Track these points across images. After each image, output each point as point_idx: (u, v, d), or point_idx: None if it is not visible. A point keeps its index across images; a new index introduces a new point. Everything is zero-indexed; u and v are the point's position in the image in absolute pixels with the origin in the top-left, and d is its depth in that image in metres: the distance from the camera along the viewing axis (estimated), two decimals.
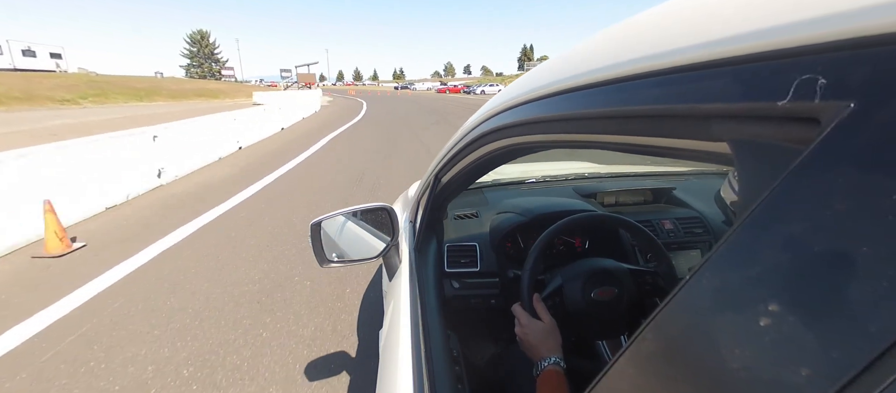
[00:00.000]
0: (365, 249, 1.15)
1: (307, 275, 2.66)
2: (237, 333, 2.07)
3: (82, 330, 2.10)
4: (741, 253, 0.20)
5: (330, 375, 1.79)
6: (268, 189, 4.85)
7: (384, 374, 0.81)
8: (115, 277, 2.66)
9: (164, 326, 2.13)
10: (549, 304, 0.84)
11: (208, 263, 2.86)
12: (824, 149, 0.17)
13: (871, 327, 0.14)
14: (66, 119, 14.45)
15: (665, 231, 1.28)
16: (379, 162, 6.38)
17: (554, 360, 0.71)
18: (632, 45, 0.33)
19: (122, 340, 2.02)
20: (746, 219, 0.20)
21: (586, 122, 0.39)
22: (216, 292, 2.46)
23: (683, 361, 0.22)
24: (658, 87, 0.28)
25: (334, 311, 2.26)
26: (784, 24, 0.20)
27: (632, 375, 0.26)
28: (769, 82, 0.20)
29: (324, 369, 1.83)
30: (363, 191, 4.67)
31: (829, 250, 0.16)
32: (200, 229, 3.52)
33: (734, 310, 0.19)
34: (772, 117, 0.20)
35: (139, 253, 3.01)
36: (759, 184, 0.20)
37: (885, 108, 0.15)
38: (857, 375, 0.14)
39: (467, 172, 0.83)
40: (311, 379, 1.77)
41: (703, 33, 0.25)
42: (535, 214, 1.18)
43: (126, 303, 2.36)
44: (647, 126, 0.30)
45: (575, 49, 0.45)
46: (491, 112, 0.64)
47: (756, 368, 0.18)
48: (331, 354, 1.93)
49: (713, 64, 0.24)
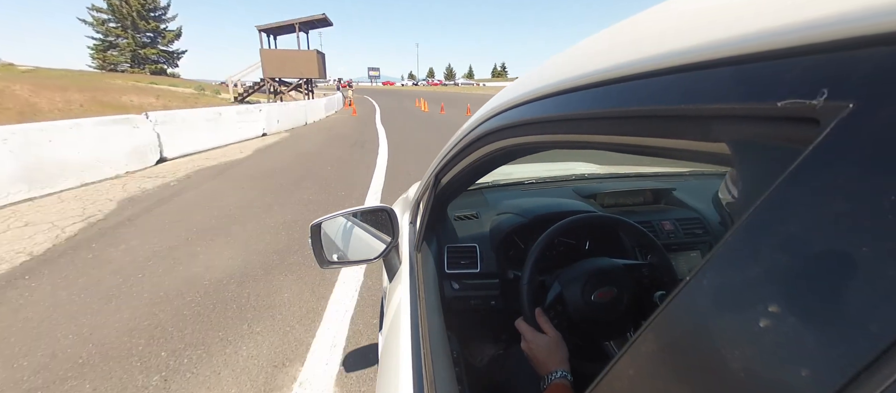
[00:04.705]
0: (365, 250, 1.15)
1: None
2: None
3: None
4: (741, 253, 0.20)
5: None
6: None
7: (384, 375, 0.81)
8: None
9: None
10: (551, 314, 0.84)
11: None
12: (824, 149, 0.17)
13: (871, 327, 0.14)
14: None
15: (665, 232, 1.28)
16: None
17: (561, 373, 0.71)
18: (632, 45, 0.33)
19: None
20: (746, 219, 0.20)
21: (586, 123, 0.38)
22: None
23: (684, 361, 0.22)
24: (658, 87, 0.28)
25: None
26: (784, 24, 0.20)
27: (632, 375, 0.26)
28: (769, 82, 0.20)
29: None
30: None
31: (830, 250, 0.16)
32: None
33: (734, 310, 0.19)
34: (771, 117, 0.20)
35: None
36: (759, 184, 0.20)
37: (885, 108, 0.15)
38: (857, 375, 0.14)
39: (467, 173, 0.83)
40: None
41: (703, 33, 0.25)
42: (535, 214, 1.18)
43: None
44: (646, 127, 0.30)
45: (575, 49, 0.45)
46: (491, 112, 0.64)
47: (756, 368, 0.18)
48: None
49: (713, 64, 0.24)
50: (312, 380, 1.77)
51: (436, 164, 0.97)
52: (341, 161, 6.55)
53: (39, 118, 8.77)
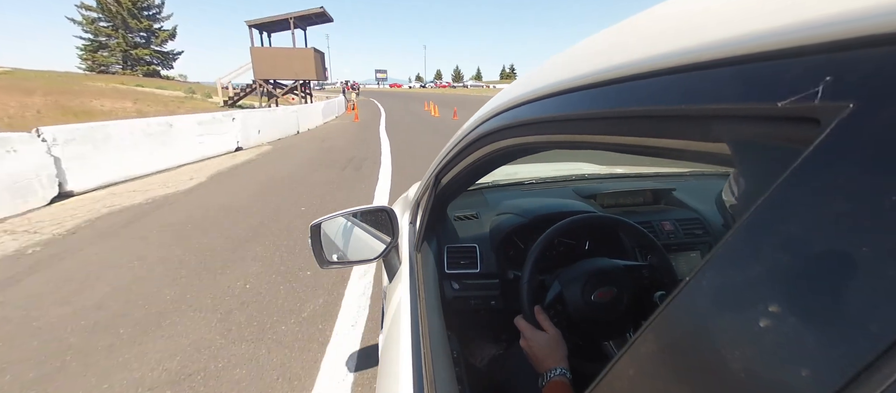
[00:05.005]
0: (365, 250, 1.15)
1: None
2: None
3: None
4: (741, 253, 0.20)
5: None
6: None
7: (384, 375, 0.81)
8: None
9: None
10: (551, 313, 0.84)
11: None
12: (824, 149, 0.17)
13: (871, 327, 0.14)
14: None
15: (665, 232, 1.28)
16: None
17: (560, 370, 0.71)
18: (632, 45, 0.32)
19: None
20: (746, 219, 0.20)
21: (586, 123, 0.38)
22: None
23: (684, 361, 0.22)
24: (658, 87, 0.28)
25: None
26: (784, 24, 0.20)
27: (632, 375, 0.26)
28: (769, 82, 0.20)
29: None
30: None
31: (830, 251, 0.16)
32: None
33: (734, 310, 0.19)
34: (772, 117, 0.20)
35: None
36: (759, 184, 0.20)
37: (885, 108, 0.15)
38: (857, 375, 0.14)
39: (467, 173, 0.83)
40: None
41: (703, 33, 0.25)
42: (535, 214, 1.18)
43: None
44: (646, 127, 0.30)
45: (575, 49, 0.45)
46: (491, 113, 0.64)
47: (756, 368, 0.18)
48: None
49: (713, 64, 0.24)
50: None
51: (436, 164, 0.97)
52: (324, 195, 4.59)
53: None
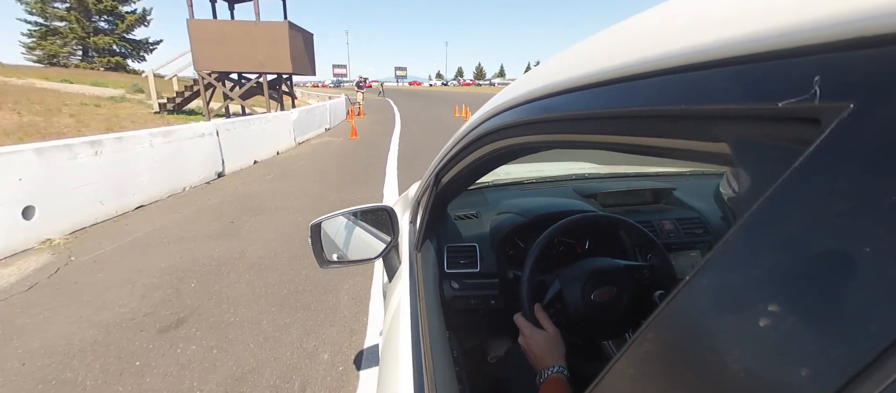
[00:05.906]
0: (365, 249, 1.15)
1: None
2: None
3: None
4: (741, 253, 0.20)
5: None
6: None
7: (385, 374, 0.81)
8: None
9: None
10: (550, 311, 0.84)
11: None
12: (824, 149, 0.17)
13: (871, 327, 0.14)
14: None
15: (665, 231, 1.28)
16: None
17: (557, 368, 0.71)
18: (632, 45, 0.32)
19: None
20: (747, 219, 0.20)
21: (586, 123, 0.38)
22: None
23: (683, 361, 0.22)
24: (658, 87, 0.28)
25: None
26: (784, 25, 0.20)
27: (632, 375, 0.26)
28: (769, 82, 0.20)
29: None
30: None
31: (830, 251, 0.16)
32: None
33: (734, 310, 0.19)
34: (772, 117, 0.20)
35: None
36: (760, 184, 0.20)
37: (885, 108, 0.15)
38: (857, 375, 0.14)
39: (468, 173, 0.83)
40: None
41: (703, 33, 0.25)
42: (535, 214, 1.18)
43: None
44: (647, 126, 0.30)
45: (575, 49, 0.45)
46: (491, 112, 0.64)
47: (756, 368, 0.18)
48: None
49: (713, 64, 0.24)
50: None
51: (436, 163, 0.97)
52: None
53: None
